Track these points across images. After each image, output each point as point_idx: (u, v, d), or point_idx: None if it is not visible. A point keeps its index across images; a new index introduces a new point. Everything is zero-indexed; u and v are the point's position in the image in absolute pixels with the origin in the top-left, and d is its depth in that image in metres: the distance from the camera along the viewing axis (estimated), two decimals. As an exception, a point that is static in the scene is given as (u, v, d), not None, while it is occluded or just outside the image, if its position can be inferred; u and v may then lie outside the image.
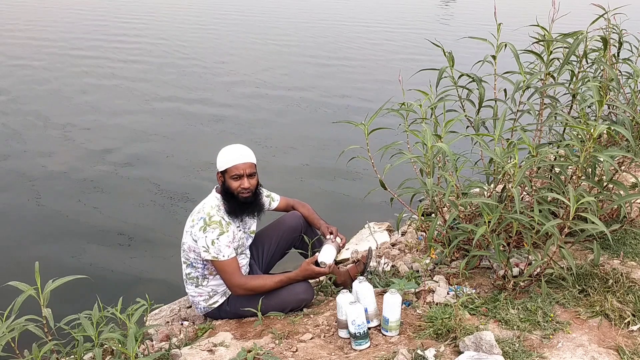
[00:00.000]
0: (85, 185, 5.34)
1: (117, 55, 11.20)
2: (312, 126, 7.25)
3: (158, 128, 7.05)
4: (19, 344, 2.04)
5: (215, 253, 2.50)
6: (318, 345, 2.26)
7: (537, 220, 2.27)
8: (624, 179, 3.19)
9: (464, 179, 2.81)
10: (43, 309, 2.06)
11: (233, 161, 2.56)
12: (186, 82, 9.33)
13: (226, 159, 2.57)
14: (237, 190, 2.57)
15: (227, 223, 2.57)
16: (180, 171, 5.68)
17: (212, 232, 2.49)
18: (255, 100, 8.37)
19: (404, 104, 2.90)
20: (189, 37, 13.58)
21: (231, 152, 2.59)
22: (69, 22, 15.41)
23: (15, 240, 4.37)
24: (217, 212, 2.55)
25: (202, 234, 2.50)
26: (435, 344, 2.16)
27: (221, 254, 2.50)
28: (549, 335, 2.18)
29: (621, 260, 2.68)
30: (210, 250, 2.50)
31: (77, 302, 2.58)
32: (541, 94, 2.82)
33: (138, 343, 2.01)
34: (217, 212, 2.55)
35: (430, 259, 2.83)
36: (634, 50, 3.08)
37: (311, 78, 9.82)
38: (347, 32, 14.94)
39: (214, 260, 2.52)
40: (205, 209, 2.57)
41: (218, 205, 2.59)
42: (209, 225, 2.50)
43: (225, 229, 2.53)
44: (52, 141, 6.47)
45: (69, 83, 9.01)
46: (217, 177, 2.63)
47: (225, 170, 2.57)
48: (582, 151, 2.30)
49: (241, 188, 2.57)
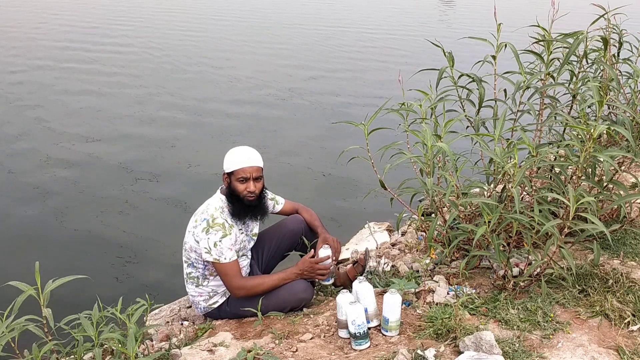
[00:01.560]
0: (87, 187, 5.34)
1: (111, 61, 11.21)
2: (312, 126, 7.24)
3: (156, 134, 7.04)
4: (19, 344, 2.05)
5: (217, 255, 2.49)
6: (318, 345, 2.26)
7: (537, 220, 2.26)
8: (624, 179, 3.19)
9: (464, 179, 2.81)
10: (43, 309, 2.06)
11: (241, 164, 2.55)
12: (187, 86, 9.33)
13: (234, 161, 2.56)
14: (242, 193, 2.56)
15: (230, 225, 2.56)
16: (180, 172, 5.68)
17: (215, 234, 2.49)
18: (256, 101, 8.37)
19: (404, 104, 2.90)
20: (185, 41, 13.58)
21: (239, 154, 2.58)
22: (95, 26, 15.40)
23: (16, 241, 4.37)
24: (220, 214, 2.55)
25: (205, 235, 2.50)
26: (435, 344, 2.16)
27: (223, 256, 2.50)
28: (549, 335, 2.18)
29: (621, 260, 2.68)
30: (212, 252, 2.49)
31: (77, 302, 2.57)
32: (541, 94, 2.82)
33: (138, 343, 2.01)
34: (220, 214, 2.55)
35: (430, 259, 2.83)
36: (634, 50, 3.08)
37: (311, 78, 9.82)
38: (346, 32, 14.94)
39: (215, 263, 2.52)
40: (209, 210, 2.56)
41: (222, 207, 2.58)
42: (212, 227, 2.50)
43: (228, 231, 2.53)
44: (41, 135, 6.48)
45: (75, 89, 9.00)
46: (223, 178, 2.62)
47: (232, 172, 2.56)
48: (582, 151, 2.30)
49: (247, 191, 2.56)
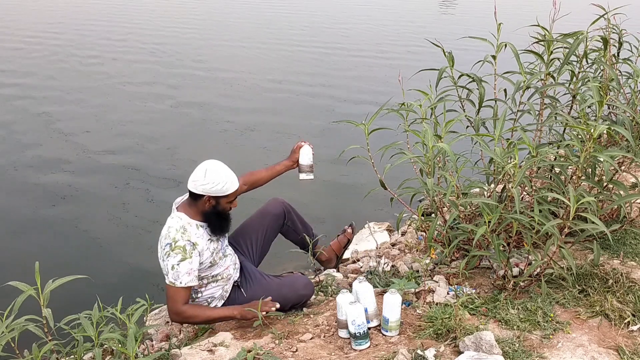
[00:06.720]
0: (87, 187, 5.34)
1: (114, 55, 11.20)
2: (311, 126, 7.24)
3: (156, 135, 7.04)
4: (19, 344, 2.05)
5: (173, 278, 2.41)
6: (318, 345, 2.26)
7: (537, 220, 2.26)
8: (624, 179, 3.19)
9: (464, 179, 2.81)
10: (43, 309, 2.06)
11: (234, 186, 2.49)
12: (188, 85, 9.33)
13: (227, 185, 2.46)
14: (229, 210, 2.55)
15: (193, 246, 2.44)
16: (183, 173, 5.67)
17: (174, 257, 2.40)
18: (255, 101, 8.37)
19: (404, 104, 2.90)
20: (187, 38, 13.58)
21: (228, 177, 2.48)
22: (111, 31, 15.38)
23: (16, 240, 4.37)
24: (182, 236, 2.43)
25: (166, 258, 2.42)
26: (435, 344, 2.16)
27: (178, 280, 2.41)
28: (549, 335, 2.18)
29: (621, 260, 2.68)
30: (169, 275, 2.41)
31: (77, 302, 2.57)
32: (541, 94, 2.82)
33: (138, 343, 2.01)
34: (182, 236, 2.43)
35: (430, 259, 2.83)
36: (634, 50, 3.08)
37: (310, 78, 9.81)
38: (346, 33, 14.94)
39: (169, 285, 2.43)
40: (170, 234, 2.45)
41: (183, 227, 2.46)
42: (172, 250, 2.41)
43: (189, 254, 2.42)
44: (48, 135, 6.48)
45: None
46: (205, 200, 2.47)
47: (226, 196, 2.48)
48: (582, 151, 2.30)
49: (231, 208, 2.55)
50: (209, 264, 2.54)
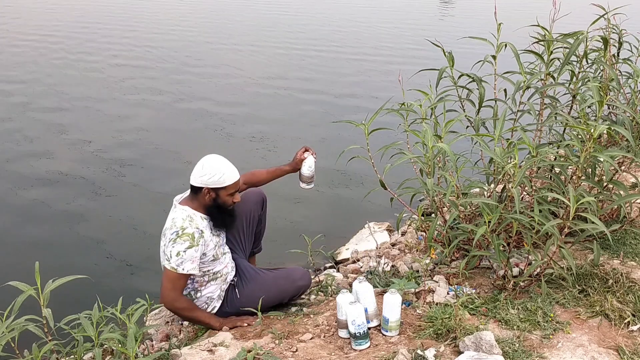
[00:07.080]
0: (87, 187, 5.34)
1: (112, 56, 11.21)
2: (311, 126, 7.24)
3: (157, 135, 7.04)
4: (19, 344, 2.05)
5: (176, 264, 2.41)
6: (318, 345, 2.26)
7: (537, 220, 2.26)
8: (624, 179, 3.19)
9: (464, 179, 2.81)
10: (43, 309, 2.06)
11: (232, 178, 2.52)
12: (189, 85, 9.33)
13: (225, 176, 2.50)
14: (231, 205, 2.56)
15: (200, 234, 2.47)
16: (185, 172, 5.67)
17: (181, 244, 2.41)
18: (255, 101, 8.37)
19: (404, 104, 2.91)
20: (181, 40, 13.58)
21: (226, 168, 2.52)
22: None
23: (16, 240, 4.37)
24: (190, 224, 2.46)
25: (171, 244, 2.43)
26: (435, 344, 2.16)
27: (181, 266, 2.42)
28: (549, 335, 2.18)
29: (621, 260, 2.68)
30: (172, 261, 2.41)
31: (77, 302, 2.57)
32: (541, 94, 2.82)
33: (138, 343, 2.01)
34: (190, 224, 2.46)
35: (430, 259, 2.83)
36: (634, 50, 3.08)
37: (310, 78, 9.81)
38: (346, 32, 14.94)
39: (170, 270, 2.42)
40: (177, 223, 2.46)
41: (189, 216, 2.49)
42: (180, 237, 2.42)
43: (197, 242, 2.44)
44: (41, 133, 6.48)
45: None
46: (205, 192, 2.51)
47: (224, 187, 2.51)
48: (582, 151, 2.30)
49: (233, 202, 2.56)
50: (212, 257, 2.56)
